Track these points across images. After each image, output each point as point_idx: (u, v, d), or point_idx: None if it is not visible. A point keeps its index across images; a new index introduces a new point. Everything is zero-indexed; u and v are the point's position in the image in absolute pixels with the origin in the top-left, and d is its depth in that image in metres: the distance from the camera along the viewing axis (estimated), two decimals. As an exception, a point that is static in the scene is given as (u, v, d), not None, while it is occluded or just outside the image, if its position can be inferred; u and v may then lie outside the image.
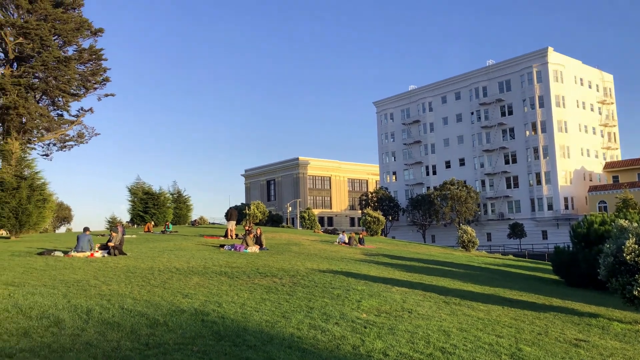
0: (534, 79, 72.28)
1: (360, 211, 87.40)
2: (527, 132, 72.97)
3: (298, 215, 57.14)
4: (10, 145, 29.15)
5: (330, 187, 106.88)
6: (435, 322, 9.13)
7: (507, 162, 75.62)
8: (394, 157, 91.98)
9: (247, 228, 25.42)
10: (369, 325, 8.46)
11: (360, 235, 29.64)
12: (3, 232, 28.31)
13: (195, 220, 45.16)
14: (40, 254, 15.93)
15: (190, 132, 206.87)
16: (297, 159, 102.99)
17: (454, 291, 13.42)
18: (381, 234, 43.86)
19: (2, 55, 45.93)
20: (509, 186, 75.37)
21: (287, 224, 60.44)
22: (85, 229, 17.31)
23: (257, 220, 46.61)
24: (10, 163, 26.61)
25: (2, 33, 43.32)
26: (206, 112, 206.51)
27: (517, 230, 65.67)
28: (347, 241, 27.59)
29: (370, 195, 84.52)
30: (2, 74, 43.25)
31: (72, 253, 15.85)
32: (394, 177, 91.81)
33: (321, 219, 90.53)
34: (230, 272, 13.98)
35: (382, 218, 41.09)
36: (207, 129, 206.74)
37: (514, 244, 67.36)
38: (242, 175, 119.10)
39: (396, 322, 8.83)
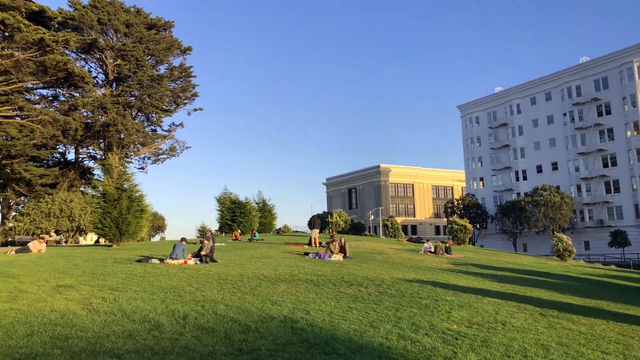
0: (635, 74, 67.05)
1: (445, 219, 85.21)
2: (629, 133, 67.76)
3: (381, 224, 56.69)
4: (111, 159, 31.33)
5: (413, 195, 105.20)
6: (531, 335, 8.62)
7: (605, 165, 70.59)
8: (481, 163, 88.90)
9: (330, 236, 25.54)
10: (460, 336, 8.15)
11: (447, 244, 28.81)
12: (102, 241, 30.49)
13: (280, 229, 46.12)
14: (139, 261, 16.92)
15: (274, 142, 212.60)
16: (379, 166, 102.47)
17: (551, 303, 12.62)
18: (469, 243, 42.40)
19: (103, 76, 49.85)
20: (608, 191, 70.26)
21: (369, 232, 60.15)
22: (182, 239, 18.19)
23: (340, 229, 46.77)
24: (112, 176, 28.57)
25: (104, 56, 46.99)
26: (289, 122, 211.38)
27: (619, 238, 60.96)
28: (433, 250, 26.93)
29: (456, 203, 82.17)
30: (103, 94, 46.86)
31: (168, 260, 16.69)
32: (481, 184, 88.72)
33: (404, 227, 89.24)
34: (316, 280, 14.08)
35: (469, 226, 39.74)
36: (289, 139, 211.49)
37: (616, 253, 62.50)
38: (323, 183, 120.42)
39: (489, 335, 8.43)
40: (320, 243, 26.77)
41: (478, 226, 77.48)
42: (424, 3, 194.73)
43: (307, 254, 21.32)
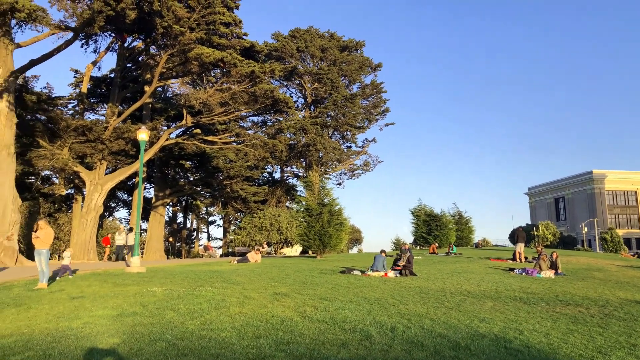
0: None
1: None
2: None
3: (597, 237, 50.55)
4: (312, 177, 33.53)
5: (637, 204, 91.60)
6: None
7: None
8: None
9: (538, 250, 23.54)
10: None
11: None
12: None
13: (478, 242, 44.19)
14: (342, 272, 17.69)
15: (467, 152, 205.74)
16: (591, 172, 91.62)
17: None
18: None
19: (303, 100, 54.03)
20: None
21: (582, 246, 54.03)
22: (382, 251, 18.56)
23: (547, 242, 42.98)
24: (313, 192, 30.58)
25: (302, 81, 50.96)
26: (481, 130, 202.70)
27: None
28: (667, 267, 22.99)
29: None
30: (303, 116, 50.76)
31: (369, 272, 17.13)
32: None
33: (627, 241, 77.95)
34: (526, 297, 13.02)
35: None
36: (483, 147, 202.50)
37: None
38: (525, 193, 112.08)
39: None
40: (526, 258, 24.89)
41: None
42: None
43: (512, 269, 19.95)
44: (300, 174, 55.87)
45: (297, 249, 49.23)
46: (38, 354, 6.38)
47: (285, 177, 57.71)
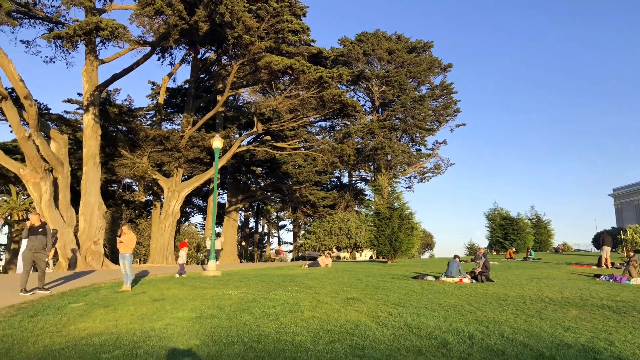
0: None
1: None
2: None
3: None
4: (381, 180, 33.31)
5: None
6: None
7: None
8: None
9: (628, 255, 22.02)
10: None
11: None
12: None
13: (558, 247, 42.04)
14: (414, 277, 17.38)
15: (544, 152, 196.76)
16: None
17: None
18: None
19: (370, 103, 53.83)
20: None
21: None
22: (455, 256, 18.07)
23: (637, 247, 40.14)
24: (382, 196, 30.32)
25: (370, 85, 50.79)
26: (558, 127, 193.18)
27: None
28: None
29: None
30: (371, 120, 50.53)
31: (443, 278, 16.71)
32: None
33: None
34: (615, 306, 12.18)
35: None
36: (561, 147, 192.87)
37: None
38: (609, 195, 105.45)
39: None
40: (612, 264, 23.35)
41: None
42: None
43: (597, 275, 18.77)
44: (369, 178, 55.62)
45: (366, 254, 49.03)
46: (126, 353, 6.71)
47: (353, 182, 57.68)
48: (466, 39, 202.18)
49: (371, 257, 39.51)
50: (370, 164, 51.70)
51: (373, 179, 51.37)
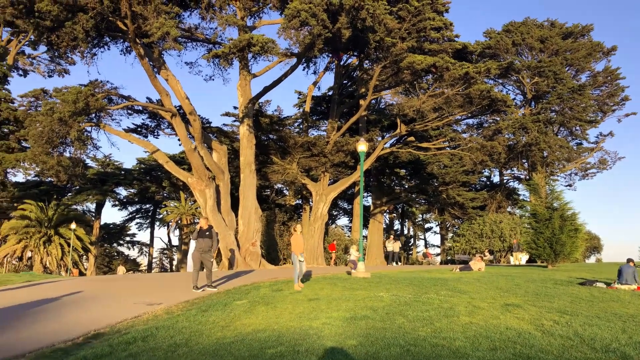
0: None
1: None
2: None
3: None
4: (537, 179, 30.94)
5: None
6: None
7: None
8: None
9: None
10: None
11: None
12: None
13: None
14: (581, 284, 15.82)
15: None
16: None
17: None
18: None
19: (521, 97, 50.45)
20: None
21: None
22: (629, 260, 16.07)
23: None
24: (539, 196, 28.12)
25: (520, 77, 47.66)
26: None
27: None
28: None
29: None
30: (522, 114, 47.32)
31: (616, 285, 14.97)
32: None
33: None
34: None
35: None
36: None
37: None
38: None
39: None
40: None
41: None
42: None
43: None
44: (522, 177, 52.10)
45: (521, 257, 45.89)
46: (288, 349, 7.03)
47: (505, 181, 54.44)
48: (632, 16, 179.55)
49: (523, 261, 36.80)
50: (524, 161, 48.37)
51: (527, 177, 48.01)
